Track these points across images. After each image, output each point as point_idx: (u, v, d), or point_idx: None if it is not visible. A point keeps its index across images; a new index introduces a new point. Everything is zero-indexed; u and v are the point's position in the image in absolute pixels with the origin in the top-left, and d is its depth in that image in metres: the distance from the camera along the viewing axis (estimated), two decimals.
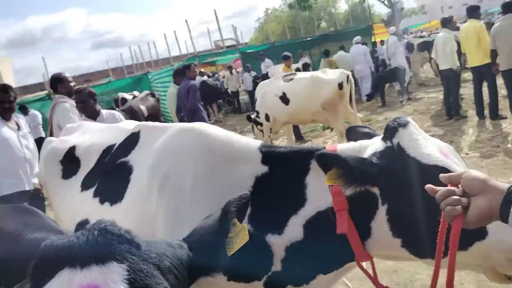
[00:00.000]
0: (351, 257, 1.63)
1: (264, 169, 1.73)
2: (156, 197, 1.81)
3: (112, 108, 8.10)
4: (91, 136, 2.38)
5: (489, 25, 9.79)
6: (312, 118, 7.57)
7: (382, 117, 10.13)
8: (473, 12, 7.74)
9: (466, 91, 10.17)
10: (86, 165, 2.20)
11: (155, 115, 9.61)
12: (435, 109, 9.84)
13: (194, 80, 7.70)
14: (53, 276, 0.76)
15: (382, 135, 1.66)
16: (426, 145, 1.52)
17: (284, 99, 7.31)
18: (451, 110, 8.42)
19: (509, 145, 6.08)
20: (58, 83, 4.79)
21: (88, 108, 4.27)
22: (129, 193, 1.94)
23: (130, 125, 2.30)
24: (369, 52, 14.97)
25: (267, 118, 7.57)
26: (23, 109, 10.83)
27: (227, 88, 17.37)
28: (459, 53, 8.43)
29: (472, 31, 7.55)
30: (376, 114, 10.85)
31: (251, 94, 16.74)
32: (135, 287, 0.77)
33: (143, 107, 9.13)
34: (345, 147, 1.70)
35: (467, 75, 11.57)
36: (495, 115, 7.59)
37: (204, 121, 6.99)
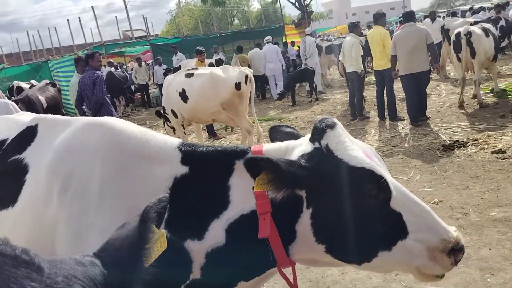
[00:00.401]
0: (273, 263, 1.57)
1: (184, 169, 1.59)
2: (57, 201, 1.58)
3: (8, 98, 7.22)
4: None
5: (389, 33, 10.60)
6: (212, 118, 7.23)
7: (293, 116, 10.43)
8: (378, 18, 8.27)
9: (368, 93, 10.90)
10: None
11: (55, 107, 8.83)
12: (340, 110, 10.38)
13: (99, 70, 7.06)
14: None
15: (308, 136, 1.63)
16: (353, 147, 1.51)
17: (183, 96, 6.95)
18: (356, 111, 8.94)
19: (406, 145, 6.59)
20: None
21: None
22: (23, 196, 1.67)
23: (26, 118, 2.00)
24: (282, 51, 15.45)
25: (174, 114, 7.19)
26: None
27: (133, 84, 16.69)
28: (364, 57, 8.97)
29: (377, 37, 8.06)
30: (287, 113, 11.15)
31: (162, 87, 16.25)
32: None
33: (42, 98, 8.33)
34: (271, 148, 1.61)
35: (368, 79, 12.44)
36: (394, 117, 8.21)
37: (112, 115, 6.50)
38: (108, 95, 7.12)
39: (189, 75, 7.08)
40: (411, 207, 1.53)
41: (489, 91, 9.07)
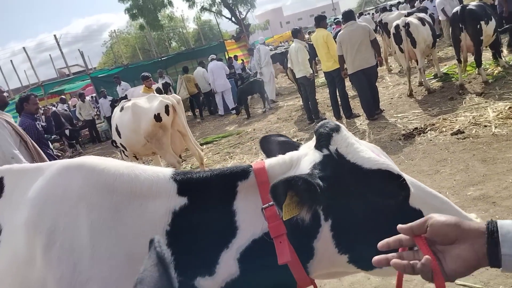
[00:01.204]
0: (292, 286, 1.45)
1: (182, 201, 1.43)
2: (42, 261, 1.38)
3: None
4: None
5: None
6: (147, 151, 6.91)
7: (251, 128, 10.37)
8: (320, 21, 8.43)
9: (319, 95, 11.07)
10: None
11: None
12: (296, 115, 10.46)
13: (36, 114, 6.42)
14: None
15: (310, 144, 1.53)
16: (362, 148, 1.43)
17: (117, 131, 6.78)
18: (312, 114, 9.03)
19: (367, 140, 6.70)
20: None
21: None
22: (0, 260, 1.46)
23: None
24: (227, 67, 15.50)
25: (122, 146, 6.94)
26: None
27: (77, 122, 16.11)
28: (310, 60, 9.10)
29: (321, 39, 8.21)
30: (244, 126, 11.09)
31: (110, 119, 15.72)
32: None
33: None
34: (274, 163, 1.49)
35: (317, 81, 12.67)
36: (350, 114, 8.35)
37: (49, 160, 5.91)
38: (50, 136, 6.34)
39: (121, 109, 6.84)
40: (430, 201, 1.45)
41: (432, 77, 9.48)
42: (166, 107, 6.19)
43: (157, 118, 6.17)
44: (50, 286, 1.38)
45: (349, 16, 7.83)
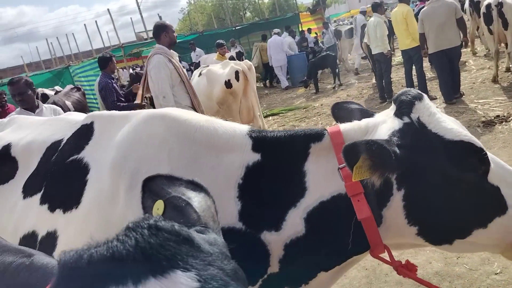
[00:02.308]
0: (362, 248, 1.46)
1: (256, 157, 1.49)
2: (124, 199, 1.50)
3: None
4: (29, 131, 1.97)
5: None
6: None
7: (318, 104, 10.25)
8: None
9: (393, 75, 10.60)
10: (27, 166, 1.81)
11: (82, 110, 8.84)
12: (367, 93, 10.15)
13: (113, 74, 6.87)
14: None
15: (389, 112, 1.50)
16: (445, 119, 1.39)
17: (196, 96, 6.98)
18: (385, 93, 8.70)
19: None
20: (162, 31, 4.70)
21: (28, 100, 3.97)
22: (87, 197, 1.60)
23: (79, 116, 1.94)
24: (298, 41, 15.31)
25: None
26: None
27: None
28: (389, 36, 8.71)
29: (400, 16, 7.80)
30: (311, 101, 10.96)
31: None
32: None
33: (68, 103, 8.38)
34: (349, 128, 1.49)
35: (393, 59, 12.11)
36: None
37: None
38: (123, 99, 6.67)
39: (199, 74, 7.01)
40: (509, 178, 1.42)
41: None
42: (236, 73, 6.23)
43: (228, 84, 6.24)
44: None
45: None
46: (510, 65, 8.08)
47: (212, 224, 0.78)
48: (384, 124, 1.45)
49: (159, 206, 0.84)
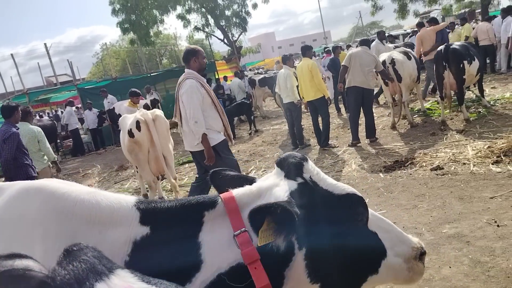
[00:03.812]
0: None
1: (145, 230, 1.39)
2: None
3: None
4: None
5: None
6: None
7: (235, 150, 10.32)
8: (306, 51, 8.57)
9: (304, 121, 11.13)
10: None
11: None
12: (281, 139, 10.48)
13: (17, 123, 6.36)
14: None
15: (271, 176, 1.55)
16: (325, 175, 1.51)
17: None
18: (296, 139, 9.06)
19: (349, 169, 6.72)
20: (191, 56, 4.73)
21: None
22: None
23: None
24: (215, 88, 15.59)
25: None
26: None
27: (59, 132, 15.92)
28: (298, 87, 9.19)
29: (306, 68, 8.30)
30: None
31: (93, 132, 15.54)
32: None
33: None
34: (241, 193, 1.47)
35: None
36: (326, 144, 8.39)
37: (28, 173, 5.82)
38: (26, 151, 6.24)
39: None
40: (381, 224, 1.55)
41: (416, 111, 9.64)
42: (137, 123, 6.08)
43: (130, 133, 6.12)
44: None
45: (366, 42, 8.35)
46: (405, 114, 8.88)
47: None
48: (277, 187, 1.46)
49: None
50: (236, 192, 1.48)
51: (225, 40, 27.75)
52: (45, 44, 17.42)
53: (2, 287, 0.78)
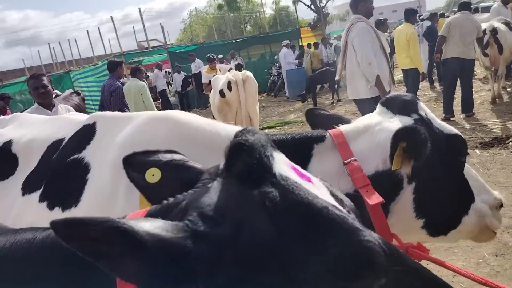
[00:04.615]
0: None
1: None
2: (123, 200, 1.48)
3: None
4: (31, 129, 1.95)
5: None
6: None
7: None
8: (410, 15, 8.07)
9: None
10: (27, 164, 1.79)
11: None
12: None
13: (120, 79, 7.12)
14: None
15: (375, 114, 1.57)
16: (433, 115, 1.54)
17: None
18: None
19: None
20: (360, 0, 4.67)
21: (49, 95, 4.02)
22: (87, 196, 1.58)
23: (81, 117, 1.92)
24: (298, 55, 15.50)
25: None
26: None
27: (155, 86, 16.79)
28: (391, 54, 8.79)
29: (404, 36, 7.81)
30: None
31: (181, 95, 16.29)
32: None
33: (68, 107, 8.35)
34: (350, 129, 1.52)
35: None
36: None
37: None
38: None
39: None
40: (469, 172, 1.58)
41: None
42: (229, 83, 6.29)
43: (221, 93, 6.34)
44: None
45: (466, 5, 7.49)
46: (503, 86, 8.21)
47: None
48: (389, 122, 1.47)
49: (154, 173, 0.90)
50: (344, 127, 1.53)
51: (312, 7, 27.10)
52: (139, 9, 18.47)
53: (167, 173, 0.89)
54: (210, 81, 7.55)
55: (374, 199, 1.32)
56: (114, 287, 0.71)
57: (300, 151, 1.48)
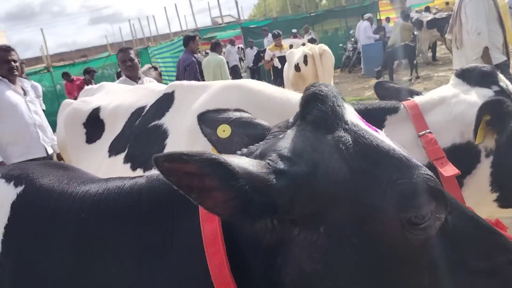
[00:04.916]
0: None
1: None
2: None
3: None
4: (116, 97, 2.13)
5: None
6: None
7: None
8: None
9: None
10: (113, 129, 1.96)
11: None
12: None
13: (195, 53, 7.28)
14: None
15: (449, 86, 1.52)
16: None
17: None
18: None
19: None
20: None
21: (136, 67, 4.25)
22: None
23: (161, 86, 2.06)
24: (375, 29, 14.85)
25: None
26: None
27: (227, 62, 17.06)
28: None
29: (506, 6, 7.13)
30: None
31: (252, 70, 16.43)
32: None
33: None
34: (425, 100, 1.50)
35: None
36: None
37: None
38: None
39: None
40: None
41: None
42: (305, 57, 6.24)
43: (296, 67, 6.34)
44: None
45: None
46: None
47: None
48: (467, 94, 1.43)
49: (224, 129, 0.97)
50: (419, 99, 1.51)
51: None
52: None
53: (236, 129, 0.97)
54: (271, 58, 7.53)
55: (450, 171, 1.30)
56: (196, 222, 0.80)
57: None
